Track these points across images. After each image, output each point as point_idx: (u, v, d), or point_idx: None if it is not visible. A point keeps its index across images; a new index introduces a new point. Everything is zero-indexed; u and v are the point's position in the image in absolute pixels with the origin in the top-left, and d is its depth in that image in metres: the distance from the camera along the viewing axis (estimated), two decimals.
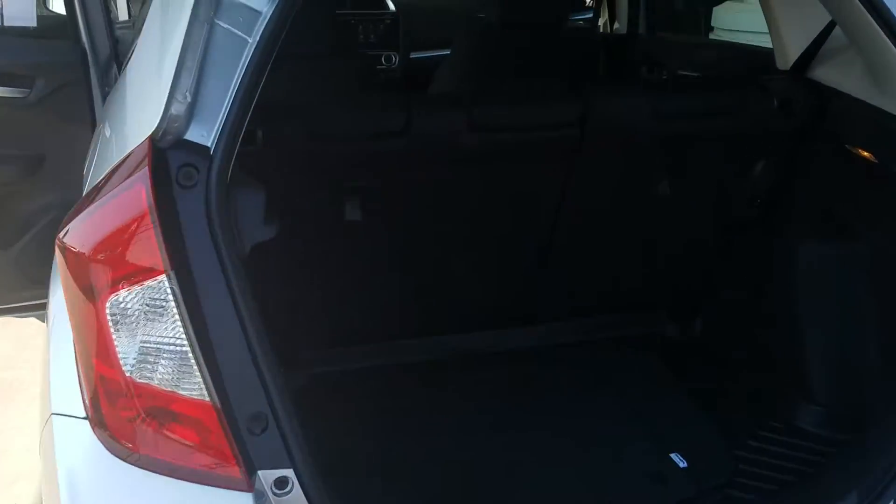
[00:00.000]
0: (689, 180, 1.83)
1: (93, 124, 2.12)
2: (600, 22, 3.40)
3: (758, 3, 1.95)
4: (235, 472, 0.96)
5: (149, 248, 0.95)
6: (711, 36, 3.80)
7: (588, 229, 1.89)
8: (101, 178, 1.09)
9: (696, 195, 1.88)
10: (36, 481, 2.22)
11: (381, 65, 3.11)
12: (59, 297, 1.13)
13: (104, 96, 2.12)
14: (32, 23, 2.09)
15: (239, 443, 0.97)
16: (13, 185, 2.23)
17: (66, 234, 1.01)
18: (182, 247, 0.97)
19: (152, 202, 0.95)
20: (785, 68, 1.87)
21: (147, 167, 0.96)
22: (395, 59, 3.14)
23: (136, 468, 0.97)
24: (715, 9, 3.85)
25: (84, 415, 1.01)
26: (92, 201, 1.02)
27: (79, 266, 0.99)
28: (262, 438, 0.98)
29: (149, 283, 0.95)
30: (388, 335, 1.96)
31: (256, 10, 1.05)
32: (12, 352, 3.06)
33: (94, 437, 0.99)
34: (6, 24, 2.07)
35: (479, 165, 1.67)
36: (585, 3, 3.66)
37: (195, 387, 0.96)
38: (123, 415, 0.98)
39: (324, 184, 1.61)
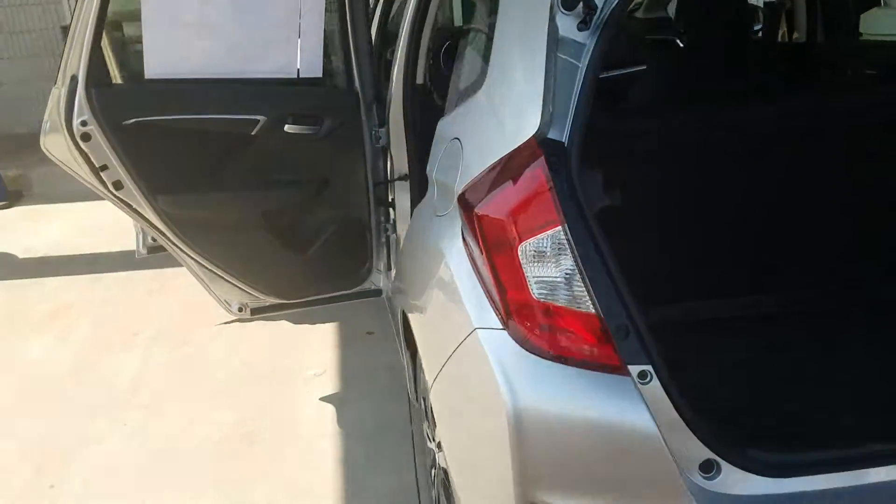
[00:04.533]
0: None
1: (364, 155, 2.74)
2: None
3: None
4: (615, 360, 1.40)
5: (548, 209, 1.40)
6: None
7: None
8: (483, 170, 1.54)
9: None
10: None
11: None
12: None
13: (370, 130, 2.73)
14: (319, 73, 2.63)
15: (612, 342, 1.40)
16: (305, 204, 2.75)
17: (480, 207, 1.47)
18: (567, 208, 1.42)
19: (550, 180, 1.40)
20: None
21: (542, 157, 1.42)
22: None
23: (546, 360, 1.41)
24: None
25: (500, 327, 1.45)
26: (495, 184, 1.48)
27: (496, 227, 1.45)
28: (626, 342, 1.42)
29: (549, 232, 1.40)
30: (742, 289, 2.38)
31: (581, 43, 1.50)
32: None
33: (513, 342, 1.43)
34: (301, 76, 2.59)
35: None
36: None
37: (584, 304, 1.41)
38: (533, 324, 1.42)
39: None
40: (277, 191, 2.72)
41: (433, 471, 2.20)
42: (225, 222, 2.67)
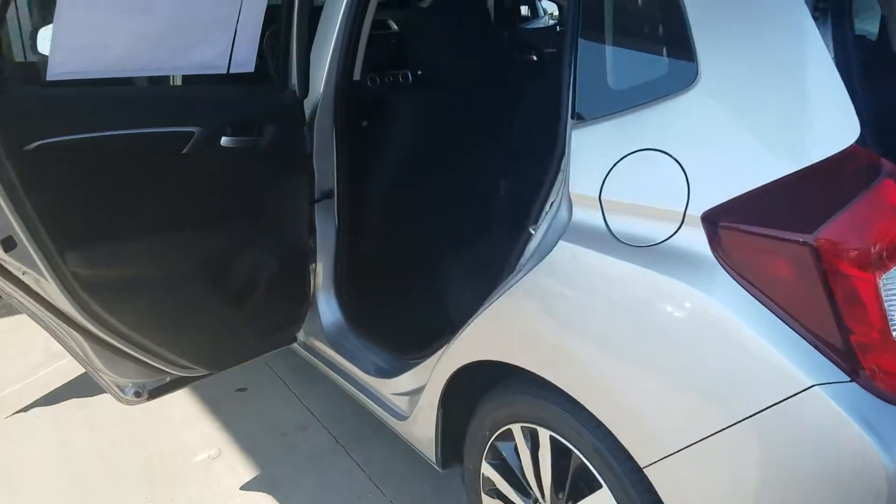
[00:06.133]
0: None
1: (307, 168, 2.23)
2: None
3: None
4: None
5: None
6: None
7: None
8: (755, 186, 1.25)
9: None
10: None
11: None
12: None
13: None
14: (251, 68, 2.00)
15: None
16: (244, 240, 2.09)
17: (817, 235, 1.18)
18: None
19: None
20: None
21: (890, 166, 1.19)
22: None
23: None
24: None
25: (847, 379, 1.19)
26: (812, 203, 1.21)
27: (842, 256, 1.17)
28: None
29: None
30: None
31: None
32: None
33: (869, 394, 1.18)
34: (232, 70, 1.94)
35: None
36: None
37: None
38: (890, 368, 1.19)
39: None
40: (214, 227, 2.03)
41: None
42: (150, 277, 1.92)
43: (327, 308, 2.52)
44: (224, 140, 1.96)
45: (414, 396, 2.13)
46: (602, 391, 1.51)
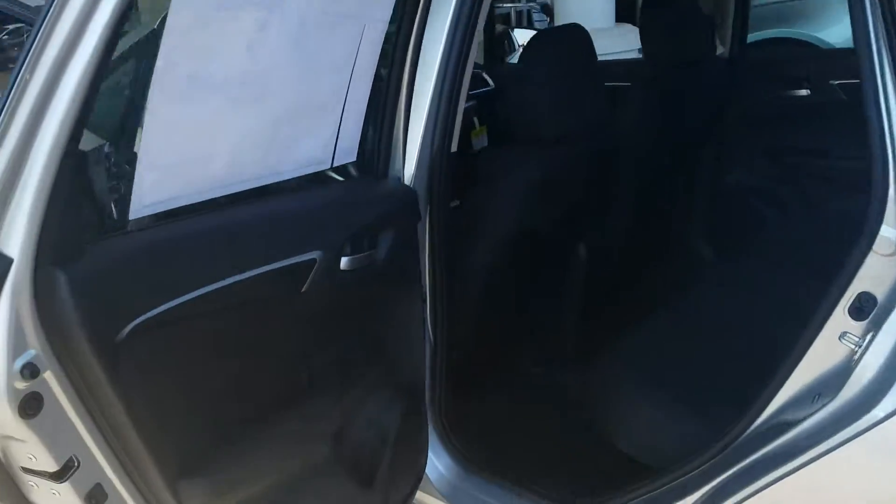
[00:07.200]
0: None
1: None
2: None
3: None
4: None
5: None
6: None
7: None
8: None
9: None
10: None
11: None
12: None
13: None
14: (353, 157, 1.50)
15: None
16: (367, 393, 1.51)
17: None
18: None
19: None
20: None
21: None
22: None
23: None
24: None
25: None
26: None
27: None
28: None
29: None
30: None
31: None
32: None
33: None
34: (335, 163, 1.42)
35: None
36: None
37: None
38: None
39: None
40: (335, 383, 1.46)
41: None
42: (281, 481, 1.34)
43: (430, 449, 1.95)
44: (343, 262, 1.40)
45: None
46: None
